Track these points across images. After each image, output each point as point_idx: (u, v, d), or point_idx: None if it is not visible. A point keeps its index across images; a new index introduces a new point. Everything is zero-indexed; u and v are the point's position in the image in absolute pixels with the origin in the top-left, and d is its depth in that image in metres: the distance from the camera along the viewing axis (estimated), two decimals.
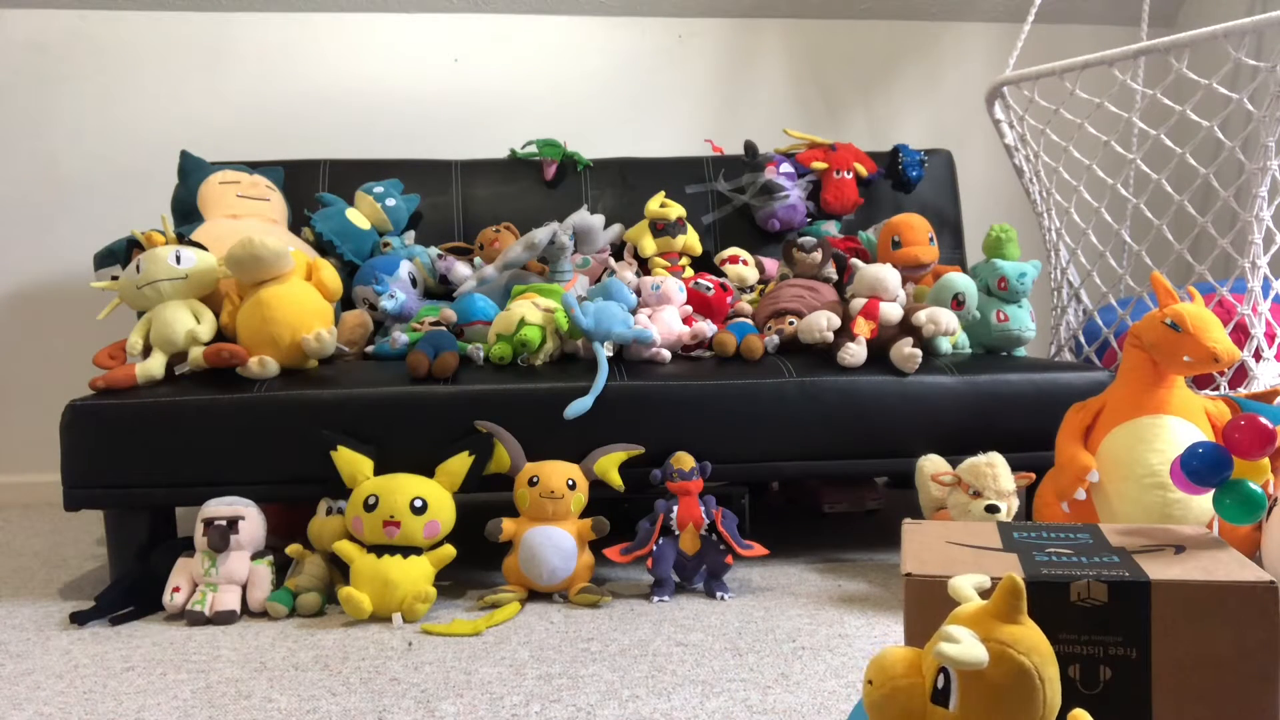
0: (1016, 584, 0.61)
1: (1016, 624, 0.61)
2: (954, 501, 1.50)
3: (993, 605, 0.62)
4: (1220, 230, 1.97)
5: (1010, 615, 0.61)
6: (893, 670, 0.63)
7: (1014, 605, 0.61)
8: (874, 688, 0.63)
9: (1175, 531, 0.89)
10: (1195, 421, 1.44)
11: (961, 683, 0.60)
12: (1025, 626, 0.62)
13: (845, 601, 1.46)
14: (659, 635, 1.32)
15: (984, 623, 0.62)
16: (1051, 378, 1.72)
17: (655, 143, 2.62)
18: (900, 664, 0.63)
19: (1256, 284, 1.85)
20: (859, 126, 2.74)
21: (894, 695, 0.62)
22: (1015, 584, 0.61)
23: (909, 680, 0.62)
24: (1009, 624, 0.61)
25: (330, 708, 1.08)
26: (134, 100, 2.51)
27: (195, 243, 1.71)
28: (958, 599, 0.67)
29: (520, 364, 1.68)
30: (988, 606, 0.63)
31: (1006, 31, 2.76)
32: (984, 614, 0.62)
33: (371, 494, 1.45)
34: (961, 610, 0.64)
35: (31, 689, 1.16)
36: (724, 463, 1.62)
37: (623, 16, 2.65)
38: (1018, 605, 0.61)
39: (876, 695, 0.63)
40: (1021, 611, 0.62)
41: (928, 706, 0.61)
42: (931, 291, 1.88)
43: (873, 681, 0.63)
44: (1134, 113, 1.97)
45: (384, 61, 2.58)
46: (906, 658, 0.64)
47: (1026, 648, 0.60)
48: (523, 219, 2.20)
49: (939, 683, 0.61)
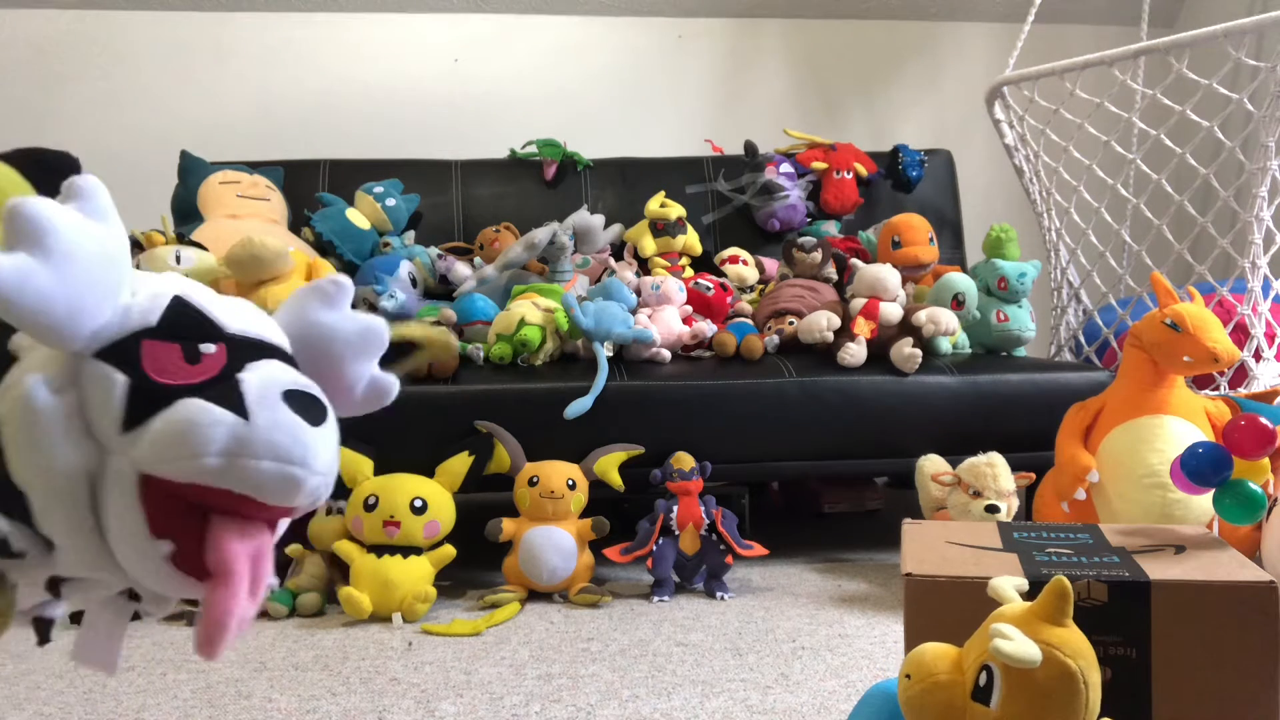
0: (1065, 586, 0.61)
1: (1062, 626, 0.60)
2: (954, 501, 1.50)
3: (1039, 606, 0.61)
4: (1220, 230, 1.96)
5: (1057, 617, 0.61)
6: (933, 666, 0.62)
7: (1061, 607, 0.61)
8: (912, 683, 0.62)
9: (1175, 531, 0.89)
10: (1195, 421, 1.44)
11: (1005, 682, 0.59)
12: (1070, 629, 0.61)
13: (845, 601, 1.46)
14: (659, 635, 1.32)
15: (1029, 624, 0.61)
16: (1051, 378, 1.72)
17: (655, 143, 2.62)
18: (940, 660, 0.62)
19: (1256, 284, 1.85)
20: (859, 126, 2.74)
21: (933, 691, 0.61)
22: (1064, 586, 0.61)
23: (950, 677, 0.61)
24: (1055, 626, 0.60)
25: (330, 708, 1.08)
26: (134, 100, 2.51)
27: (195, 243, 1.71)
28: (998, 600, 0.66)
29: (520, 364, 1.68)
30: (1033, 607, 0.62)
31: (1006, 31, 2.76)
32: (1029, 615, 0.61)
33: (371, 494, 1.45)
34: (1005, 610, 0.63)
35: (31, 689, 1.16)
36: (724, 463, 1.62)
37: (623, 16, 2.65)
38: (1064, 608, 0.61)
39: (915, 691, 0.62)
40: (1068, 614, 0.61)
41: (968, 704, 0.60)
42: (931, 291, 1.88)
43: (911, 677, 0.62)
44: (1134, 113, 1.97)
45: (384, 61, 2.58)
46: (947, 654, 0.63)
47: (1072, 650, 0.59)
48: (523, 219, 2.20)
49: (980, 680, 0.60)
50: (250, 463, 0.47)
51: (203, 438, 0.46)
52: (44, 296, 0.45)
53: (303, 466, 0.48)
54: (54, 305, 0.45)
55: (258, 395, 0.48)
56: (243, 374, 0.49)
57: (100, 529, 0.48)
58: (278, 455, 0.47)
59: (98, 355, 0.48)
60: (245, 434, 0.47)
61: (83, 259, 0.46)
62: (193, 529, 0.48)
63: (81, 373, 0.48)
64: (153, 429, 0.47)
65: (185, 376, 0.48)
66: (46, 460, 0.47)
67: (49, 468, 0.47)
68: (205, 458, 0.46)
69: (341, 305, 0.57)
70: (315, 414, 0.50)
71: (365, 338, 0.57)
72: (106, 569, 0.50)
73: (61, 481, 0.47)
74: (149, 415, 0.47)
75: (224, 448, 0.47)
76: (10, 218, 0.45)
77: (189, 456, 0.46)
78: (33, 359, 0.49)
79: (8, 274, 0.44)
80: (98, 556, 0.49)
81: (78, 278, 0.46)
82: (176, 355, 0.49)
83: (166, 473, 0.47)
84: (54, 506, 0.48)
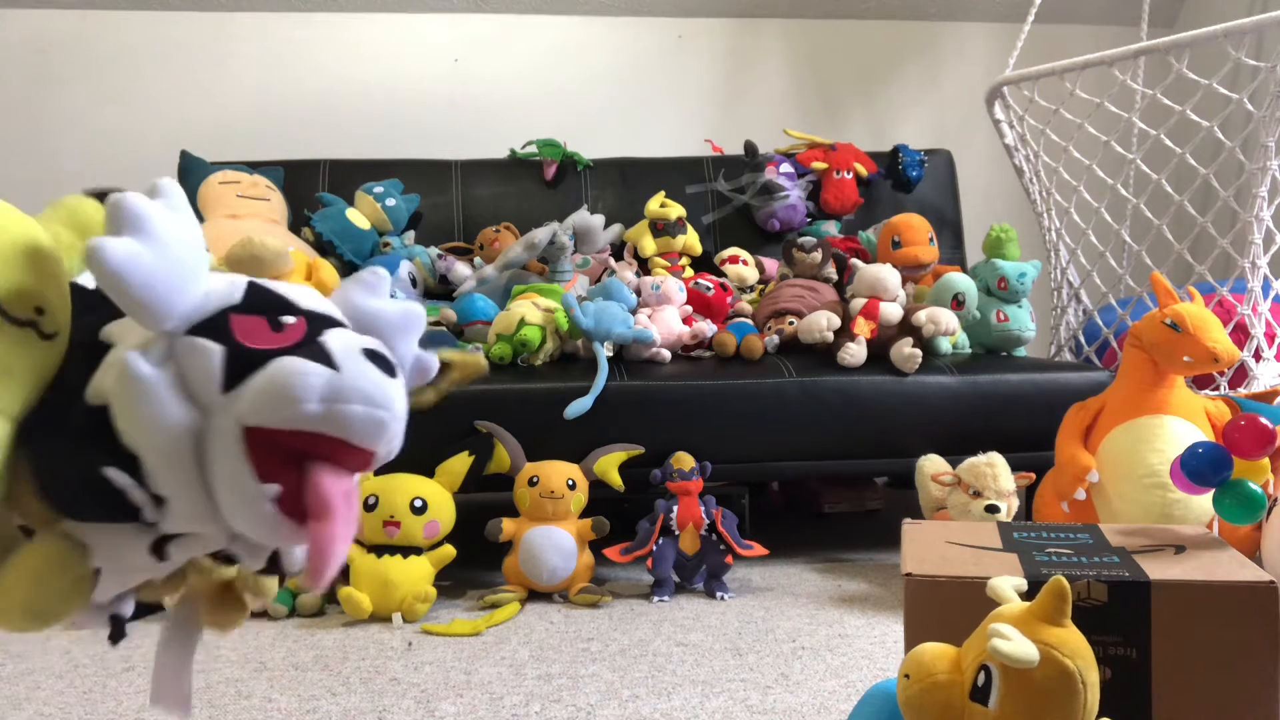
0: (1063, 586, 0.61)
1: (1060, 626, 0.61)
2: (954, 501, 1.50)
3: (1037, 606, 0.61)
4: (1220, 230, 1.96)
5: (1055, 617, 0.61)
6: (931, 666, 0.62)
7: (1059, 607, 0.61)
8: (911, 683, 0.62)
9: (1175, 531, 0.89)
10: (1195, 421, 1.44)
11: (1003, 681, 0.59)
12: (1069, 629, 0.61)
13: (845, 601, 1.46)
14: (659, 635, 1.32)
15: (1028, 623, 0.61)
16: (1051, 378, 1.72)
17: (655, 143, 2.62)
18: (939, 660, 0.63)
19: (1256, 284, 1.85)
20: (859, 126, 2.74)
21: (932, 691, 0.61)
22: (1062, 586, 0.61)
23: (948, 677, 0.61)
24: (1053, 626, 0.60)
25: (330, 708, 1.08)
26: (134, 100, 2.51)
27: None
28: (997, 600, 0.66)
29: (520, 364, 1.68)
30: (1032, 607, 0.62)
31: (1006, 31, 2.76)
32: (1028, 615, 0.61)
33: (371, 494, 1.45)
34: (1004, 610, 0.63)
35: (31, 689, 1.16)
36: (724, 463, 1.62)
37: (623, 16, 2.65)
38: (1063, 608, 0.61)
39: (914, 690, 0.62)
40: (1066, 614, 0.61)
41: (966, 704, 0.61)
42: (931, 291, 1.88)
43: (910, 676, 0.62)
44: (1134, 113, 1.97)
45: (384, 61, 2.58)
46: (945, 654, 0.63)
47: (1070, 650, 0.59)
48: (523, 219, 2.20)
49: (979, 680, 0.60)
50: (344, 407, 0.52)
51: (302, 386, 0.52)
52: (148, 275, 0.51)
53: (387, 410, 0.54)
54: (155, 284, 0.51)
55: (341, 352, 0.54)
56: (323, 338, 0.55)
57: (205, 484, 0.54)
58: (367, 399, 0.53)
59: (189, 332, 0.54)
60: (338, 381, 0.53)
61: (175, 244, 0.53)
62: (292, 475, 0.53)
63: (176, 348, 0.53)
64: (253, 386, 0.52)
65: (274, 341, 0.54)
66: (155, 423, 0.52)
67: (157, 429, 0.52)
68: (306, 403, 0.52)
69: (382, 292, 0.63)
70: (389, 368, 0.56)
71: (407, 319, 0.63)
72: (212, 521, 0.55)
73: (169, 441, 0.52)
74: (246, 374, 0.53)
75: (321, 394, 0.52)
76: (114, 209, 0.51)
77: (292, 404, 0.52)
78: (128, 341, 0.54)
79: (120, 254, 0.50)
80: (205, 509, 0.54)
81: (173, 260, 0.53)
82: (263, 325, 0.55)
83: (270, 422, 0.52)
84: (164, 465, 0.53)
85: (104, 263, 0.49)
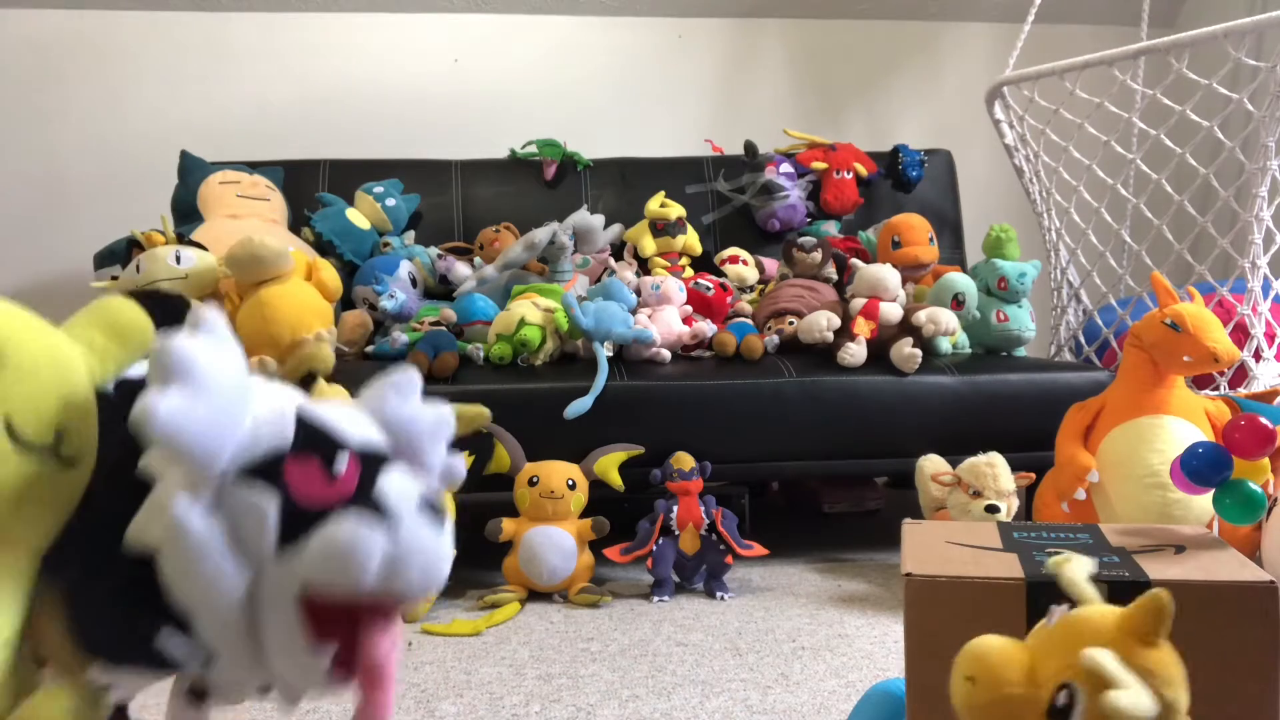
0: (1163, 602, 0.53)
1: (1154, 647, 0.53)
2: (954, 501, 1.50)
3: (1133, 623, 0.53)
4: (1220, 230, 1.96)
5: (1152, 639, 0.53)
6: (1002, 674, 0.54)
7: (1157, 629, 0.53)
8: (978, 690, 0.54)
9: (1175, 531, 0.89)
10: (1195, 421, 1.44)
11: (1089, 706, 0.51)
12: (1162, 649, 0.53)
13: (845, 601, 1.46)
14: (659, 635, 1.32)
15: (1123, 644, 0.53)
16: (1051, 378, 1.72)
17: (655, 143, 2.62)
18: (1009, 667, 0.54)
19: (1256, 284, 1.85)
20: (859, 126, 2.74)
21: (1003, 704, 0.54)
22: (1161, 602, 0.53)
23: (1024, 691, 0.53)
24: (1149, 648, 0.53)
25: (330, 708, 1.08)
26: (134, 100, 2.51)
27: (195, 243, 1.71)
28: (1077, 597, 0.57)
29: (520, 364, 1.68)
30: (1125, 624, 0.53)
31: (1006, 31, 2.76)
32: (1122, 632, 0.53)
33: None
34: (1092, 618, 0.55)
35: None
36: (724, 463, 1.62)
37: (623, 16, 2.65)
38: (1158, 629, 0.53)
39: (982, 699, 0.54)
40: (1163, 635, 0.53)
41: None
42: (931, 291, 1.88)
43: (974, 680, 0.55)
44: (1134, 113, 1.97)
45: (384, 61, 2.58)
46: (1015, 659, 0.55)
47: (1166, 678, 0.52)
48: (523, 219, 2.20)
49: (1059, 699, 0.52)
50: (403, 574, 0.53)
51: (364, 557, 0.51)
52: (200, 429, 0.50)
53: (440, 566, 0.55)
54: (206, 436, 0.50)
55: (397, 509, 0.54)
56: (378, 487, 0.54)
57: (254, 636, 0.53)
58: (424, 563, 0.54)
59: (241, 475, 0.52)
60: (396, 553, 0.52)
61: (221, 388, 0.51)
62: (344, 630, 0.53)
63: (228, 494, 0.52)
64: (311, 548, 0.52)
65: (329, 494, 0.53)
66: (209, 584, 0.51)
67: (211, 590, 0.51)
68: (367, 576, 0.51)
69: (414, 396, 0.62)
70: (439, 518, 0.56)
71: (439, 425, 0.62)
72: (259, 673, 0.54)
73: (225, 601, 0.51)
74: (303, 532, 0.52)
75: (381, 567, 0.52)
76: (161, 356, 0.50)
77: (353, 576, 0.51)
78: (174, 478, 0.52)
79: (172, 412, 0.49)
80: (253, 662, 0.54)
81: (221, 407, 0.51)
82: (316, 473, 0.53)
83: (329, 591, 0.52)
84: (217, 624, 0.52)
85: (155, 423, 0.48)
